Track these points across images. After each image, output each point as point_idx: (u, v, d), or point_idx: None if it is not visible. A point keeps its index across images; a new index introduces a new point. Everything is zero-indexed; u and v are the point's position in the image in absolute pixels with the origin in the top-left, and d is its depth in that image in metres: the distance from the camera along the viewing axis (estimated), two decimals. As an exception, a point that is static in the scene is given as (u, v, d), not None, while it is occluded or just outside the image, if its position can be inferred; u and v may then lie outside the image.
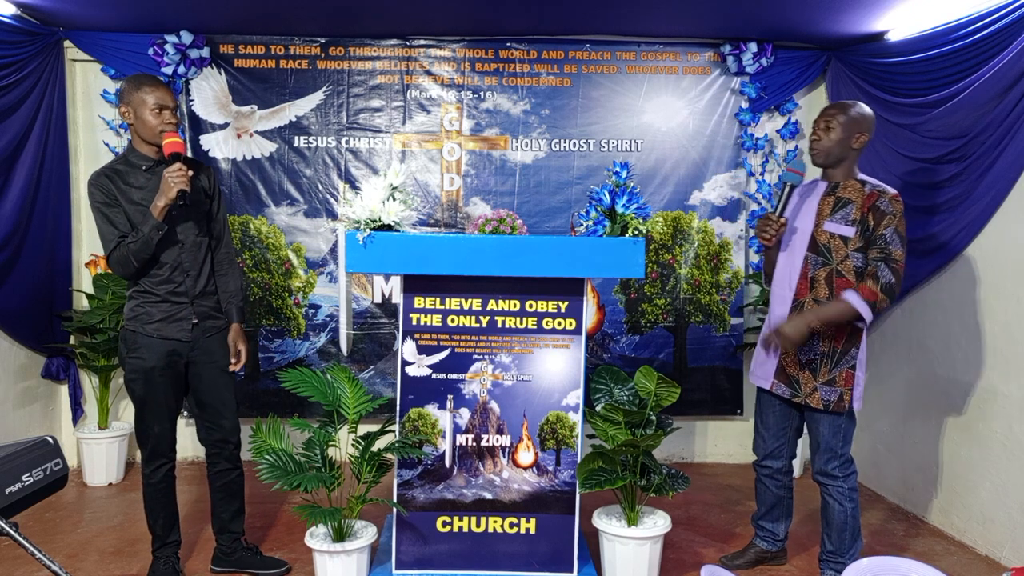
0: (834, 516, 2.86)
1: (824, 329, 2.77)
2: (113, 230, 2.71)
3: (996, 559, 3.28)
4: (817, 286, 2.81)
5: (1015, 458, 3.20)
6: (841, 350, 2.78)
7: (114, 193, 2.71)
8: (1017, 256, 3.19)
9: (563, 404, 2.87)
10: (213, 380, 2.90)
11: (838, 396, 2.78)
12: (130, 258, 2.68)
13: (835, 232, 2.77)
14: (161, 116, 2.70)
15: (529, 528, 2.88)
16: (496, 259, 2.69)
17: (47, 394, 4.26)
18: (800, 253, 2.86)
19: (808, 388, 2.83)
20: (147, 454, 2.87)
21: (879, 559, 1.87)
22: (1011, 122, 3.11)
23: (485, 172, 4.44)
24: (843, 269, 2.76)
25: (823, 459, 2.85)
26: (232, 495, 3.03)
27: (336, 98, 4.37)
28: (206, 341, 2.88)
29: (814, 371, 2.81)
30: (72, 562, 3.15)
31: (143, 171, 2.76)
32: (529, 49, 4.37)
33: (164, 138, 2.68)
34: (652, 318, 4.50)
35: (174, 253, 2.79)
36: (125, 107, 2.72)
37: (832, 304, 2.74)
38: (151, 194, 2.71)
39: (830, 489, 2.86)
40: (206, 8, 3.87)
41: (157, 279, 2.77)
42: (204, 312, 2.87)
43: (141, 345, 2.78)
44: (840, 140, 2.77)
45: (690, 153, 4.45)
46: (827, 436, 2.83)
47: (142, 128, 2.72)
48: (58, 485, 1.83)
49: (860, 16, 3.71)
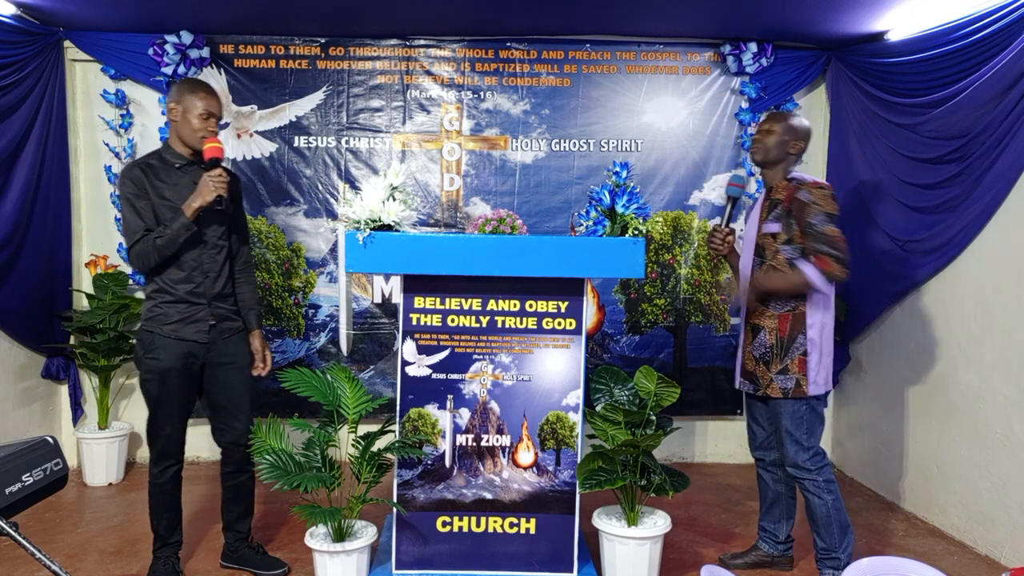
0: (816, 511, 2.90)
1: (767, 324, 2.90)
2: (139, 222, 2.74)
3: (996, 559, 3.28)
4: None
5: (1015, 457, 3.20)
6: (787, 338, 2.88)
7: (145, 186, 2.76)
8: (1017, 256, 3.19)
9: (563, 404, 2.87)
10: (228, 382, 2.92)
11: (794, 383, 2.87)
12: (153, 253, 2.71)
13: (767, 231, 2.92)
14: (207, 123, 2.77)
15: (529, 528, 2.88)
16: (496, 259, 2.69)
17: (47, 394, 4.26)
18: (749, 258, 3.00)
19: (765, 380, 2.92)
20: (156, 454, 2.88)
21: (879, 559, 1.86)
22: (1011, 122, 3.10)
23: (485, 172, 4.44)
24: (776, 263, 2.88)
25: (792, 451, 2.91)
26: (240, 497, 3.04)
27: (336, 98, 4.37)
28: (222, 343, 2.90)
29: (767, 364, 2.91)
30: (72, 562, 3.15)
31: (176, 168, 2.82)
32: (529, 49, 4.37)
33: (206, 143, 2.74)
34: (652, 318, 4.50)
35: (195, 253, 2.81)
36: (175, 105, 2.78)
37: (781, 274, 2.86)
38: (179, 191, 2.76)
39: (806, 483, 2.90)
40: (206, 8, 3.87)
41: (176, 277, 2.80)
42: (221, 314, 2.89)
43: (158, 346, 2.80)
44: (778, 143, 2.90)
45: (690, 153, 4.45)
46: (789, 426, 2.89)
47: (184, 129, 2.78)
48: (58, 485, 1.83)
49: (860, 16, 3.71)
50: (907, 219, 3.73)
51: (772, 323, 2.90)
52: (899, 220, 3.77)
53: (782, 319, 2.88)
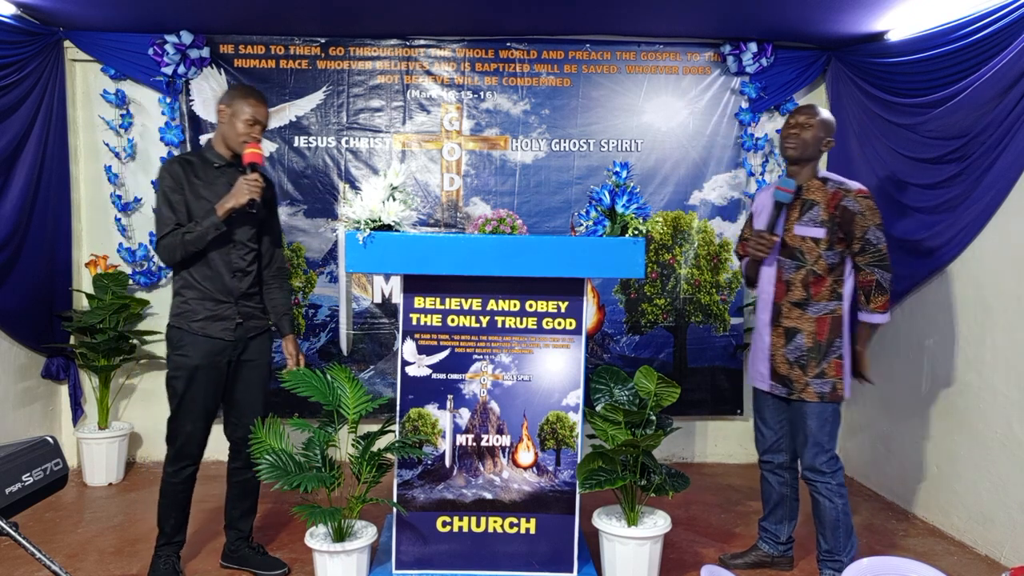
0: (826, 514, 2.89)
1: (805, 327, 2.86)
2: (171, 216, 2.79)
3: (996, 559, 3.28)
4: (793, 288, 2.89)
5: (1015, 458, 3.20)
6: (826, 343, 2.85)
7: (182, 182, 2.82)
8: (1017, 256, 3.19)
9: (563, 404, 2.87)
10: (249, 379, 2.96)
11: (831, 387, 2.85)
12: (180, 247, 2.77)
13: (805, 235, 2.84)
14: (251, 128, 2.82)
15: (529, 528, 2.88)
16: (496, 259, 2.69)
17: (47, 394, 4.26)
18: (773, 258, 2.93)
19: (800, 384, 2.88)
20: (173, 453, 2.89)
21: (879, 559, 1.86)
22: (1011, 122, 3.10)
23: (485, 172, 4.44)
24: (817, 269, 2.83)
25: (811, 454, 2.88)
26: (245, 494, 3.05)
27: (336, 98, 4.37)
28: (249, 341, 2.94)
29: (803, 367, 2.87)
30: (72, 562, 3.15)
31: (215, 168, 2.87)
32: (529, 49, 4.37)
33: (247, 147, 2.80)
34: (652, 318, 4.50)
35: (224, 252, 2.86)
36: (224, 107, 2.84)
37: (864, 334, 2.87)
38: (215, 191, 2.82)
39: (819, 486, 2.89)
40: (206, 8, 3.87)
41: (203, 274, 2.85)
42: (248, 312, 2.93)
43: (186, 343, 2.84)
44: (815, 139, 2.86)
45: (690, 153, 4.45)
46: (815, 429, 2.87)
47: (229, 131, 2.84)
48: (58, 485, 1.83)
49: (860, 16, 3.71)
50: (907, 219, 3.73)
51: (810, 326, 2.85)
52: (899, 220, 3.77)
53: (820, 322, 2.84)
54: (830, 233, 2.80)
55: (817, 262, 2.82)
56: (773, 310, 2.94)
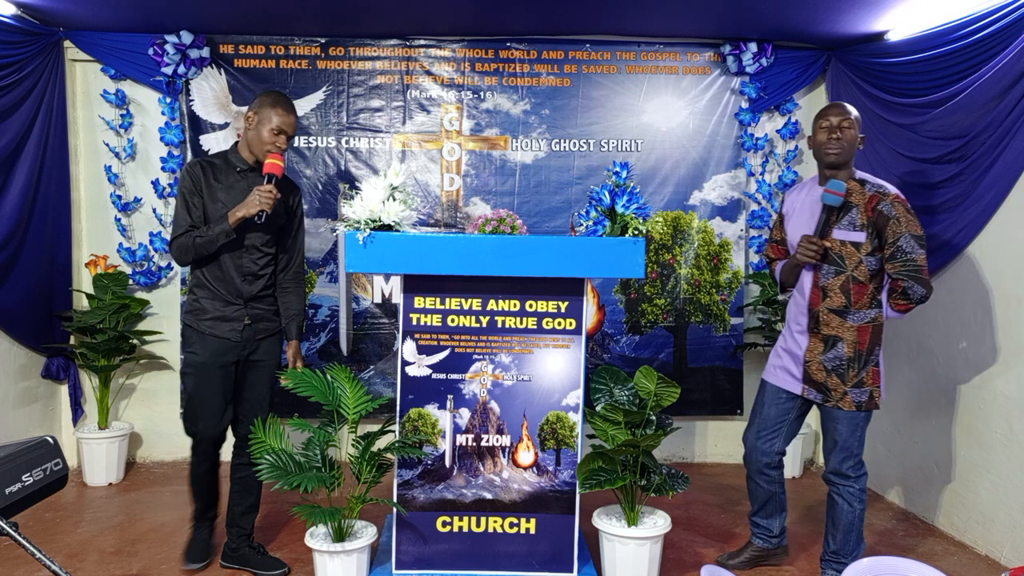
0: (842, 517, 2.86)
1: (847, 336, 2.79)
2: (187, 217, 2.84)
3: (996, 559, 3.28)
4: (831, 294, 2.81)
5: (1015, 458, 3.20)
6: (867, 351, 2.79)
7: (201, 184, 2.86)
8: (1017, 256, 3.19)
9: (563, 404, 2.87)
10: (257, 379, 3.01)
11: (868, 395, 2.81)
12: (191, 250, 2.82)
13: (845, 239, 2.76)
14: (276, 138, 2.85)
15: (529, 528, 2.88)
16: (496, 259, 2.69)
17: (47, 394, 4.26)
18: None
19: (839, 393, 2.82)
20: (192, 445, 2.99)
21: (879, 559, 1.87)
22: (1011, 122, 3.10)
23: (485, 172, 4.44)
24: (858, 275, 2.77)
25: (838, 458, 2.85)
26: (247, 491, 3.06)
27: (336, 98, 4.37)
28: (259, 342, 2.97)
29: (842, 376, 2.81)
30: (72, 562, 3.15)
31: (236, 172, 2.90)
32: (529, 49, 4.37)
33: (268, 156, 2.82)
34: (652, 318, 4.50)
35: (236, 255, 2.89)
36: (252, 114, 2.87)
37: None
38: (234, 195, 2.85)
39: (841, 489, 2.86)
40: (206, 8, 3.87)
41: (215, 275, 2.89)
42: (258, 314, 2.96)
43: (196, 341, 2.91)
44: (854, 139, 2.79)
45: (690, 153, 4.45)
46: (846, 435, 2.83)
47: (254, 138, 2.87)
48: (58, 485, 1.83)
49: (860, 16, 3.71)
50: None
51: (852, 335, 2.78)
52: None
53: (862, 331, 2.77)
54: (870, 237, 2.73)
55: (858, 267, 2.75)
56: (810, 317, 2.85)
